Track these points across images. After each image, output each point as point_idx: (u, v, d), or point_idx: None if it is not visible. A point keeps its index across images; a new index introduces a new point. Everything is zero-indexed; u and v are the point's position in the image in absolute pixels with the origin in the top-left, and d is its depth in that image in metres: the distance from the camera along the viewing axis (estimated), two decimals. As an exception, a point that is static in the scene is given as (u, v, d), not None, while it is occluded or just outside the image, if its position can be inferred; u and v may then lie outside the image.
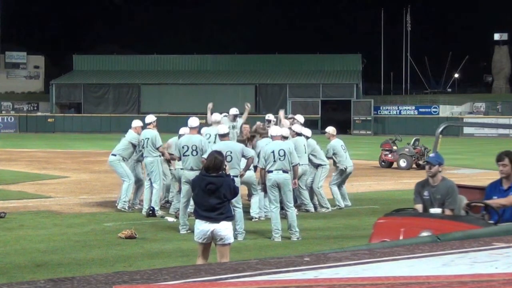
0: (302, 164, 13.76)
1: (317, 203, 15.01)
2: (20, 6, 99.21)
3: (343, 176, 15.51)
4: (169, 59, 77.17)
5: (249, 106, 16.30)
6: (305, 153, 14.37)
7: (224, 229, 7.98)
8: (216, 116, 14.19)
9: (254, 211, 13.60)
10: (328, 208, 14.85)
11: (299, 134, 14.46)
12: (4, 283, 3.77)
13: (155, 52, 77.71)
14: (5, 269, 9.12)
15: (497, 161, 7.44)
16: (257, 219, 13.44)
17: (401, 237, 6.64)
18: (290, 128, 14.28)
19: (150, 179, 14.16)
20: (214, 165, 8.03)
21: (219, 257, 8.10)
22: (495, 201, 7.23)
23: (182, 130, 14.15)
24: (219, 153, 8.53)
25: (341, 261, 3.40)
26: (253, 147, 13.66)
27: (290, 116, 16.49)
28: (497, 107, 67.30)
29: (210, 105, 15.11)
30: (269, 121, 15.19)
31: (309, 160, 14.81)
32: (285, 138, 12.85)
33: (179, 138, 14.09)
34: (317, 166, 15.02)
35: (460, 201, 7.61)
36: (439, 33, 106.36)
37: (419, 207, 7.60)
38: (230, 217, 8.15)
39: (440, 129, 8.59)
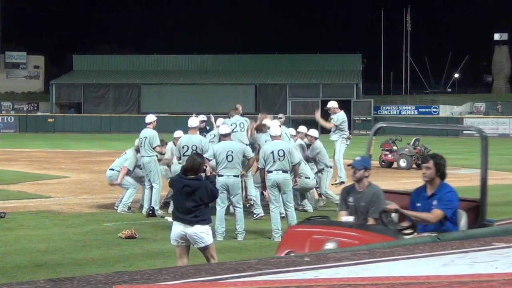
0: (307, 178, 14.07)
1: (314, 203, 15.08)
2: (20, 6, 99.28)
3: (347, 144, 15.66)
4: (169, 59, 77.18)
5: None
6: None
7: (198, 232, 7.88)
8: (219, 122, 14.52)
9: (251, 194, 13.66)
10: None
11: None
12: (4, 283, 3.77)
13: (155, 52, 77.74)
14: (5, 269, 9.11)
15: (422, 163, 7.00)
16: (252, 201, 13.50)
17: (306, 249, 6.05)
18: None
19: (149, 179, 14.15)
20: (193, 166, 7.99)
21: (206, 260, 8.03)
22: (417, 214, 6.57)
23: (177, 134, 14.24)
24: (198, 155, 8.61)
25: (341, 261, 3.40)
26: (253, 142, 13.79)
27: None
28: (497, 107, 67.31)
29: (212, 118, 15.16)
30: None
31: (314, 162, 14.88)
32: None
33: (173, 142, 14.24)
34: (320, 170, 15.01)
35: None
36: (439, 33, 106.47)
37: (343, 214, 7.06)
38: (205, 220, 7.98)
39: (374, 130, 8.05)
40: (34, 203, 15.47)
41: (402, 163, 25.64)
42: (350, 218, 6.87)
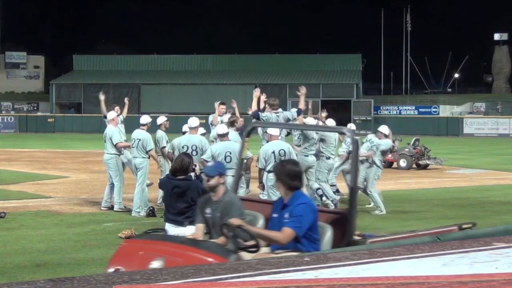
0: (331, 158, 14.49)
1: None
2: (20, 6, 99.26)
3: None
4: (169, 59, 77.19)
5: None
6: (335, 147, 14.69)
7: (190, 233, 7.81)
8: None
9: None
10: (382, 211, 14.44)
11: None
12: (4, 283, 3.77)
13: (155, 52, 77.74)
14: (5, 269, 9.11)
15: None
16: None
17: (134, 266, 5.41)
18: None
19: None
20: (182, 166, 7.93)
21: None
22: (266, 233, 5.84)
23: (185, 128, 14.11)
24: (186, 154, 8.57)
25: (341, 261, 3.40)
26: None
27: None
28: (497, 107, 67.33)
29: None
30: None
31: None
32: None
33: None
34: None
35: (255, 220, 6.30)
36: (439, 33, 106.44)
37: (200, 227, 6.44)
38: None
39: (247, 131, 7.50)
40: (34, 203, 15.47)
41: (402, 163, 25.65)
42: (187, 232, 6.34)
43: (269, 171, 11.97)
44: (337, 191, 15.45)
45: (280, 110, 13.62)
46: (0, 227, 12.23)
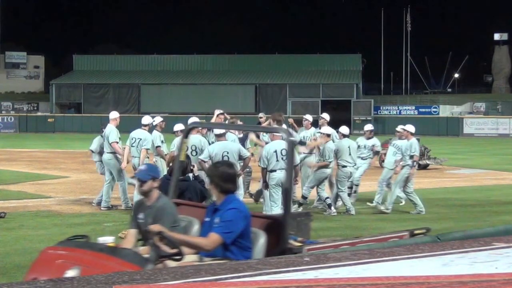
0: (347, 166, 14.51)
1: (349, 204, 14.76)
2: (20, 6, 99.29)
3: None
4: (169, 59, 77.15)
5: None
6: (349, 154, 14.61)
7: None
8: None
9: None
10: (387, 210, 14.75)
11: (345, 136, 14.84)
12: (4, 283, 3.77)
13: (155, 52, 77.73)
14: (5, 269, 9.11)
15: None
16: None
17: (50, 275, 5.05)
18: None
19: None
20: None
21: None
22: (189, 239, 5.56)
23: (177, 127, 14.01)
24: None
25: (341, 261, 3.40)
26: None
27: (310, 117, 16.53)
28: (497, 107, 67.34)
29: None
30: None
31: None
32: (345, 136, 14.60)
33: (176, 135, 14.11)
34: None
35: (190, 225, 6.10)
36: (439, 33, 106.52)
37: (131, 232, 6.13)
38: None
39: (185, 132, 7.16)
40: (34, 203, 15.47)
41: (402, 163, 25.64)
42: (109, 239, 6.04)
43: (271, 170, 12.02)
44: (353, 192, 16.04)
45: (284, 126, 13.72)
46: (0, 227, 12.23)
